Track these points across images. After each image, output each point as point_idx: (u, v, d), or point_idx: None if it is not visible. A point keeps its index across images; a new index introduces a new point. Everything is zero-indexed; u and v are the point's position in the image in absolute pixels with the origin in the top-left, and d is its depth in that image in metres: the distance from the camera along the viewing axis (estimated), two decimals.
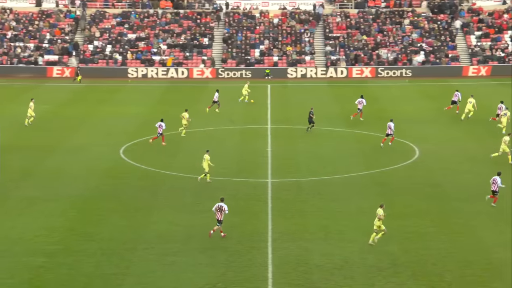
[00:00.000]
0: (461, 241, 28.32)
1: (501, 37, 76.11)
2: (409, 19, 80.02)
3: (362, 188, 35.72)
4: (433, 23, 79.17)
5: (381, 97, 61.00)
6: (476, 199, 33.25)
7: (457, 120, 50.78)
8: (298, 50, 77.12)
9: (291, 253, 27.58)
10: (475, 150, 42.49)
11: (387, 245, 28.11)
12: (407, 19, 79.99)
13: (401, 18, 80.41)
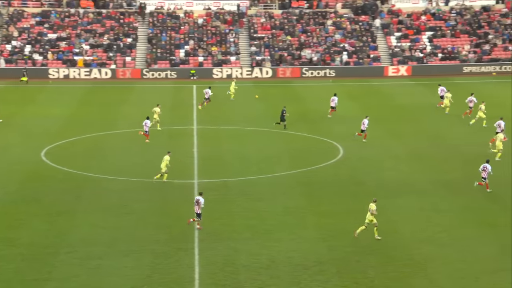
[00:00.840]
0: (384, 237, 28.92)
1: (419, 38, 78.33)
2: (331, 20, 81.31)
3: (288, 188, 36.02)
4: (355, 24, 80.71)
5: (306, 97, 61.70)
6: (398, 196, 34.06)
7: (379, 119, 51.86)
8: (223, 50, 77.15)
9: (219, 253, 27.53)
10: (396, 148, 43.53)
11: (313, 244, 28.44)
12: (330, 20, 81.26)
13: (324, 19, 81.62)
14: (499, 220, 30.35)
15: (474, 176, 36.71)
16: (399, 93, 62.76)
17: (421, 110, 54.28)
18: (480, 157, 40.14)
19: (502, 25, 79.16)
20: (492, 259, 26.47)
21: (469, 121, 49.30)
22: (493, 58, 74.97)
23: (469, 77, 70.80)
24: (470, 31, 78.80)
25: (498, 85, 65.70)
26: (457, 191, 34.72)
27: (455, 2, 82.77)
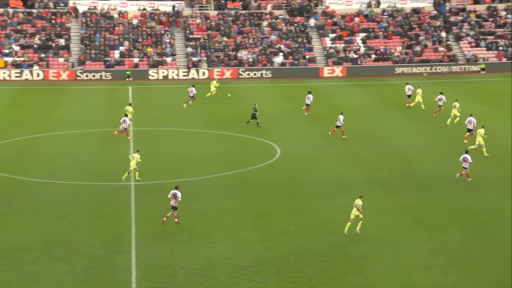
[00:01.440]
0: (321, 237, 29.15)
1: (353, 39, 79.51)
2: (267, 21, 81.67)
3: (226, 189, 35.91)
4: (290, 25, 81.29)
5: (243, 98, 61.74)
6: (335, 196, 34.40)
7: (316, 119, 52.30)
8: (159, 51, 76.45)
9: (156, 256, 27.20)
10: (332, 148, 43.98)
11: (251, 244, 28.43)
12: (266, 21, 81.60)
13: (260, 20, 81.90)
14: (431, 218, 31.00)
15: (409, 175, 37.47)
16: (334, 94, 63.52)
17: (357, 110, 55.04)
18: (415, 157, 41.04)
19: (432, 27, 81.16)
20: (425, 256, 26.99)
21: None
22: (424, 59, 76.75)
23: (401, 78, 72.17)
24: (402, 33, 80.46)
25: (428, 85, 67.27)
26: (392, 190, 35.31)
27: (386, 4, 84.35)
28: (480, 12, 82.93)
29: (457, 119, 48.45)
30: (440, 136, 45.88)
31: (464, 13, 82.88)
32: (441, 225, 29.99)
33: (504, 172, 37.47)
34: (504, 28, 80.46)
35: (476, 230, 29.31)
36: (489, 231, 29.22)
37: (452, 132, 46.61)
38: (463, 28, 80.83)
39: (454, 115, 48.82)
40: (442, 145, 43.64)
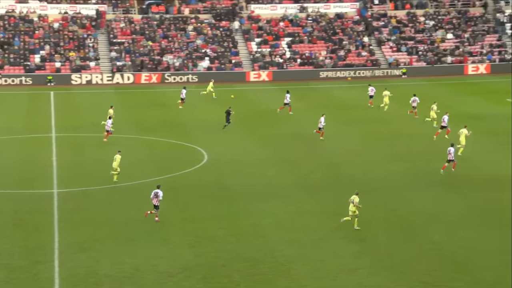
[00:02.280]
0: (249, 241, 29.08)
1: (278, 44, 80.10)
2: (192, 25, 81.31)
3: None
4: (216, 30, 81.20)
5: (169, 103, 61.18)
6: (264, 200, 34.41)
7: (244, 123, 52.32)
8: (82, 55, 74.91)
9: (80, 264, 26.47)
10: (261, 152, 44.06)
11: (179, 250, 28.08)
12: (191, 25, 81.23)
13: (185, 24, 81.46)
14: (358, 221, 31.35)
15: (337, 178, 37.85)
16: (261, 98, 63.74)
17: (284, 114, 55.40)
18: (343, 160, 41.54)
19: (355, 31, 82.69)
20: (351, 258, 27.29)
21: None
22: (348, 63, 78.07)
23: (326, 82, 73.27)
24: (326, 37, 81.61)
25: (353, 90, 68.47)
26: (319, 193, 35.59)
27: (310, 9, 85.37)
28: (401, 17, 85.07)
29: (434, 122, 49.31)
30: (368, 140, 46.65)
31: (385, 18, 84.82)
32: (367, 227, 30.39)
33: (431, 174, 38.38)
34: (423, 33, 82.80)
35: (402, 232, 29.83)
36: (416, 232, 29.79)
37: (381, 136, 47.48)
38: (385, 33, 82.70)
39: (432, 117, 49.80)
40: (371, 148, 44.37)
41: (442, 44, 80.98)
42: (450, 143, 39.28)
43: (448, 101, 57.64)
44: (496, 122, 50.05)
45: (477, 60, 78.59)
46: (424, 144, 44.85)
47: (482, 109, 54.44)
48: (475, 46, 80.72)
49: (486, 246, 27.81)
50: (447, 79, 72.83)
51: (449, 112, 48.70)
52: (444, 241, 28.54)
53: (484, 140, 45.48)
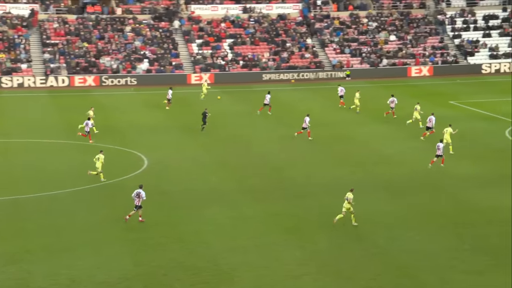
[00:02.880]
0: (191, 248, 28.93)
1: (220, 46, 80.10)
2: (130, 26, 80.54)
3: (91, 202, 34.86)
4: (155, 31, 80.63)
5: (107, 106, 60.41)
6: (206, 206, 34.27)
7: (184, 128, 52.05)
8: (13, 57, 73.26)
9: (11, 277, 25.84)
10: (203, 156, 43.92)
11: (118, 259, 27.69)
12: (129, 26, 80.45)
13: (123, 25, 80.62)
14: (302, 226, 31.59)
15: (280, 183, 38.03)
16: (203, 101, 63.55)
17: (226, 117, 55.40)
18: (286, 164, 41.69)
19: (298, 33, 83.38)
20: (295, 264, 27.42)
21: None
22: (291, 65, 78.63)
23: (269, 85, 73.48)
24: (269, 39, 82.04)
25: (296, 92, 68.98)
26: (262, 198, 35.67)
27: (251, 10, 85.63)
28: (344, 19, 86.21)
29: (420, 123, 50.14)
30: (313, 143, 47.02)
31: (328, 19, 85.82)
32: (311, 232, 30.62)
33: (371, 177, 38.95)
34: (366, 35, 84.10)
35: (346, 236, 30.16)
36: (360, 236, 30.17)
37: (326, 139, 47.91)
38: (328, 35, 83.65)
39: (415, 118, 50.54)
40: (315, 152, 44.73)
41: (385, 46, 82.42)
42: (439, 138, 41.41)
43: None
44: (440, 125, 51.15)
45: (420, 62, 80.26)
46: (369, 148, 45.50)
47: (426, 111, 55.51)
48: (417, 48, 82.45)
49: (429, 250, 28.37)
50: (391, 81, 74.13)
51: (396, 114, 49.50)
52: (388, 245, 28.98)
53: (426, 143, 46.44)
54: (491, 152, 43.33)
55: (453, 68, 79.50)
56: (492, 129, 49.82)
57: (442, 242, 29.16)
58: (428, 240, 29.43)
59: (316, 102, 61.62)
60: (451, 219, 31.81)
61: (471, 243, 28.96)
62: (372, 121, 53.36)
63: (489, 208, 33.02)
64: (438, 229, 30.66)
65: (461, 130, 49.81)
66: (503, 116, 53.55)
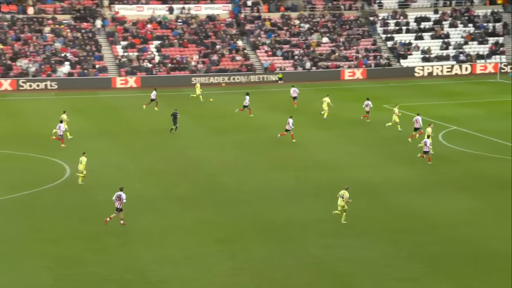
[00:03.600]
0: (117, 261, 28.31)
1: (147, 48, 79.26)
2: (49, 27, 78.79)
3: (8, 213, 33.78)
4: (76, 32, 79.13)
5: (25, 112, 58.81)
6: (132, 215, 33.64)
7: (109, 134, 51.18)
8: None
9: None
10: (129, 164, 43.18)
11: (36, 274, 26.83)
12: (48, 27, 78.69)
13: (41, 25, 78.82)
14: (234, 234, 31.37)
15: (211, 190, 37.71)
16: (129, 106, 62.68)
17: (157, 122, 54.81)
18: (218, 171, 41.42)
19: (228, 35, 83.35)
20: (227, 275, 27.16)
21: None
22: (221, 68, 78.48)
23: (194, 88, 73.22)
24: (198, 41, 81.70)
25: (227, 96, 68.82)
26: (191, 206, 35.30)
27: (180, 11, 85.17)
28: (275, 20, 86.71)
29: (398, 126, 50.78)
30: (246, 149, 46.93)
31: (259, 21, 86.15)
32: (243, 241, 30.43)
33: (306, 182, 39.07)
34: (298, 37, 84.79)
35: (280, 244, 30.09)
36: (294, 244, 30.14)
37: (259, 145, 47.89)
38: (259, 37, 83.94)
39: (394, 121, 51.09)
40: (247, 158, 44.64)
41: (318, 48, 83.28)
42: (426, 134, 43.73)
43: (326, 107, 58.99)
44: (373, 129, 51.88)
45: (353, 65, 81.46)
46: (305, 152, 45.71)
47: (360, 115, 56.25)
48: (350, 51, 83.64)
49: (365, 257, 28.57)
50: (324, 84, 74.89)
51: (328, 118, 49.81)
52: (322, 253, 29.06)
53: (362, 147, 47.01)
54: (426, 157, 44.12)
55: (386, 71, 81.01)
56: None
57: (378, 249, 29.42)
58: (364, 247, 29.64)
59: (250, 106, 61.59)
60: (387, 226, 32.17)
61: (408, 250, 29.32)
62: (308, 125, 53.68)
63: (425, 214, 33.56)
64: (375, 236, 30.94)
65: (395, 134, 50.65)
66: (436, 120, 54.71)
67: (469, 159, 43.66)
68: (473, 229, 31.49)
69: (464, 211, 33.89)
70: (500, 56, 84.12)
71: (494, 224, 32.05)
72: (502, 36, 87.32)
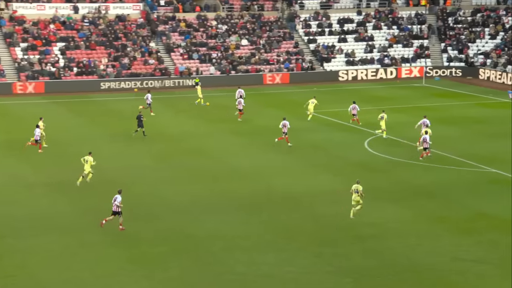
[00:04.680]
0: (16, 284, 27.54)
1: (50, 50, 77.70)
2: None
3: None
4: None
5: None
6: (32, 233, 32.82)
7: (6, 144, 49.95)
8: None
9: None
10: (29, 177, 42.18)
11: None
12: None
13: None
14: (149, 252, 31.02)
15: (125, 203, 37.20)
16: (32, 113, 61.18)
17: (63, 131, 53.80)
18: (131, 181, 40.89)
19: (140, 36, 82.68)
20: None
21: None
22: (133, 72, 77.73)
23: (109, 94, 72.35)
24: (107, 43, 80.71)
25: (139, 102, 68.18)
26: (100, 219, 34.70)
27: (86, 10, 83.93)
28: (190, 21, 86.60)
29: (384, 133, 51.98)
30: (160, 159, 46.58)
31: (174, 21, 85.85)
32: (160, 258, 30.12)
33: (225, 194, 39.04)
34: (216, 39, 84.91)
35: (200, 261, 29.92)
36: (215, 260, 30.01)
37: (175, 154, 47.59)
38: (174, 39, 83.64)
39: (382, 129, 52.14)
40: (162, 168, 44.30)
41: (236, 51, 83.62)
42: (424, 130, 46.14)
43: (246, 114, 59.41)
44: (297, 137, 52.39)
45: (274, 68, 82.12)
46: (223, 162, 45.70)
47: (279, 122, 56.75)
48: (271, 54, 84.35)
49: (287, 273, 28.71)
50: (247, 89, 75.11)
51: (248, 126, 49.85)
52: (246, 270, 29.06)
53: (283, 155, 47.40)
54: (350, 166, 44.85)
55: (309, 75, 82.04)
56: (351, 140, 51.66)
57: (303, 264, 29.63)
58: (289, 262, 29.80)
59: (164, 113, 61.26)
60: (312, 238, 32.46)
61: (333, 263, 29.66)
62: (226, 133, 53.76)
63: (351, 225, 34.04)
64: (300, 249, 31.16)
65: (318, 141, 51.31)
66: (362, 126, 55.72)
67: (396, 167, 44.63)
68: (400, 240, 32.15)
69: (391, 221, 34.58)
70: (425, 60, 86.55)
71: (420, 235, 32.81)
72: (427, 39, 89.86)
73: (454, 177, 42.10)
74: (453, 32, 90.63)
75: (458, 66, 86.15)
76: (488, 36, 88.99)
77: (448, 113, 60.41)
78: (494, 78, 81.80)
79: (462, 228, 33.57)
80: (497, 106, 65.67)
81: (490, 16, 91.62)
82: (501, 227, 33.51)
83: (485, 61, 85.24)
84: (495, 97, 70.75)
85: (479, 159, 45.32)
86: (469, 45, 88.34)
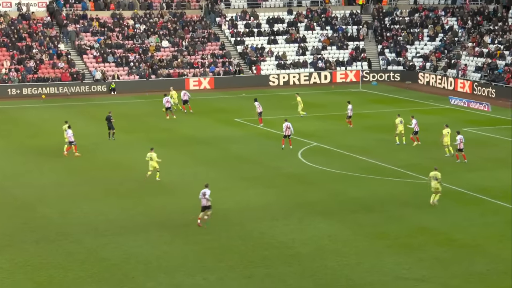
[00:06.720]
0: None
1: None
2: None
3: None
4: None
5: None
6: None
7: None
8: None
9: None
10: None
11: None
12: None
13: None
14: (59, 277, 30.57)
15: (30, 224, 36.56)
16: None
17: None
18: (37, 199, 40.20)
19: (47, 37, 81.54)
20: None
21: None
22: (40, 77, 76.58)
23: (12, 101, 71.09)
24: (9, 44, 79.35)
25: (48, 111, 67.23)
26: (7, 244, 34.04)
27: None
28: (104, 20, 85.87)
29: (404, 139, 53.95)
30: (72, 173, 45.98)
31: (85, 21, 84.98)
32: (70, 284, 29.69)
33: (147, 212, 38.79)
34: (133, 40, 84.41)
35: (117, 286, 29.62)
36: (133, 285, 29.77)
37: (90, 167, 47.08)
38: (88, 40, 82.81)
39: (400, 131, 53.64)
40: (74, 183, 43.74)
41: (157, 54, 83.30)
42: (456, 130, 49.30)
43: (166, 124, 59.17)
44: (225, 147, 52.41)
45: (199, 72, 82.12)
46: (140, 175, 45.39)
47: (208, 131, 56.74)
48: (195, 56, 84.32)
49: None
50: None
51: (165, 135, 49.55)
52: None
53: (210, 167, 47.41)
54: (283, 178, 45.12)
55: (237, 80, 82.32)
56: (284, 151, 52.00)
57: (232, 285, 29.65)
58: (216, 284, 29.78)
59: (77, 122, 60.44)
60: (243, 257, 32.50)
61: (265, 285, 29.75)
62: (148, 143, 53.47)
63: (284, 243, 34.20)
64: (229, 269, 31.16)
65: (247, 152, 51.51)
66: (295, 135, 56.14)
67: (332, 179, 45.08)
68: (338, 259, 32.45)
69: (328, 238, 34.87)
70: (362, 63, 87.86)
71: (359, 252, 33.19)
72: (363, 41, 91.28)
73: (391, 189, 42.78)
74: (390, 34, 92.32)
75: (397, 70, 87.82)
76: (427, 38, 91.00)
77: (385, 121, 61.45)
78: (434, 83, 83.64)
79: (403, 244, 34.12)
80: (438, 113, 67.13)
81: (428, 16, 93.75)
82: (443, 242, 34.21)
83: (425, 65, 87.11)
84: (435, 103, 72.32)
85: (418, 170, 46.18)
86: (407, 47, 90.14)
